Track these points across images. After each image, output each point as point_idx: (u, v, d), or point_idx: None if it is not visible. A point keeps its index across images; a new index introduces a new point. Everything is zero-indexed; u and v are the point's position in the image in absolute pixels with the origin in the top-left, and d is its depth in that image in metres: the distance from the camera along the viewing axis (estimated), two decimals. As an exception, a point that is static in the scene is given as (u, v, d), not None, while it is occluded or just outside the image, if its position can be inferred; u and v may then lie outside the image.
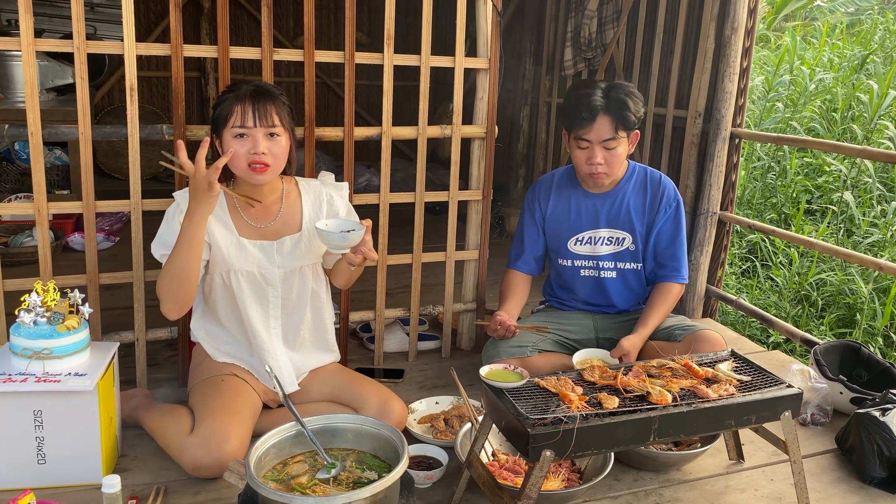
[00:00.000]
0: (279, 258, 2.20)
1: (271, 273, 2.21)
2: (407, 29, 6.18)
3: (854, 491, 2.15)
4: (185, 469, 2.00)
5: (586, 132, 2.44)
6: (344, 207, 2.32)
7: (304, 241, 2.23)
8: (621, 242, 2.61)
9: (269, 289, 2.22)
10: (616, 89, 2.45)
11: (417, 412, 2.46)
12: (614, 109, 2.41)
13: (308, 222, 2.25)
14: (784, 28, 9.19)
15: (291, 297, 2.26)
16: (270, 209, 2.22)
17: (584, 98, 2.43)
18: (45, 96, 4.55)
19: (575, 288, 2.70)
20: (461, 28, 2.65)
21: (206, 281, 2.22)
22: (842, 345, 2.81)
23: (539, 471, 1.65)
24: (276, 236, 2.21)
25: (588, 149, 2.47)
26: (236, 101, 2.06)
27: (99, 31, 5.79)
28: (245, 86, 2.10)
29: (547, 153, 5.05)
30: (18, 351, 1.91)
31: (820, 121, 6.03)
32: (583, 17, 4.34)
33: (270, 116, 2.07)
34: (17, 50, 2.18)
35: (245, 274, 2.18)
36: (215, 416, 2.03)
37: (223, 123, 2.08)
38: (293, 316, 2.28)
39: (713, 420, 1.80)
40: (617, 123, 2.42)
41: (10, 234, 4.05)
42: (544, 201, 2.69)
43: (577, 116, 2.43)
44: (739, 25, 3.30)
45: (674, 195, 2.61)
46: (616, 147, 2.46)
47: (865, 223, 4.96)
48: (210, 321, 2.28)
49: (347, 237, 2.04)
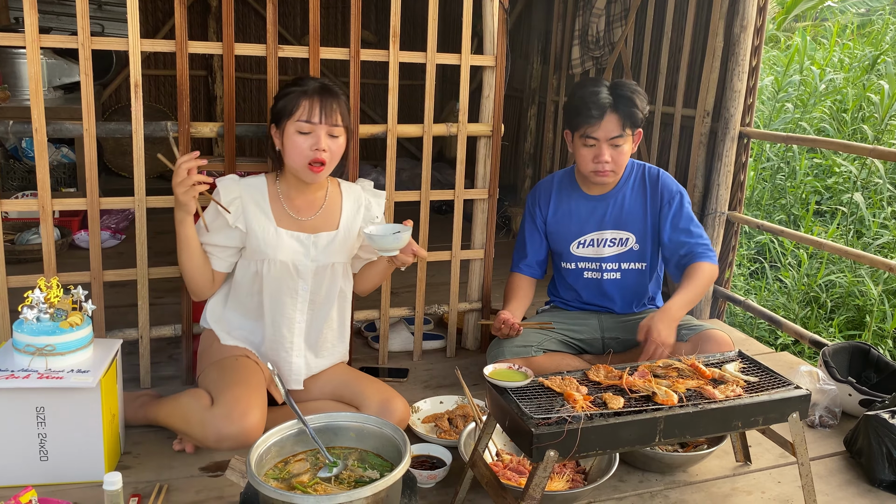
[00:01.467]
0: (314, 251, 2.24)
1: (304, 266, 2.23)
2: (414, 29, 6.18)
3: (862, 494, 2.12)
4: (208, 442, 2.03)
5: (594, 130, 2.42)
6: (380, 213, 2.37)
7: (340, 240, 2.27)
8: (625, 243, 2.59)
9: (300, 281, 2.24)
10: (622, 87, 2.44)
11: (421, 411, 2.45)
12: (622, 107, 2.40)
13: (346, 222, 2.29)
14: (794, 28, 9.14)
15: (320, 293, 2.29)
16: (313, 203, 2.27)
17: (592, 96, 2.42)
18: (52, 94, 4.56)
19: (578, 290, 2.68)
20: (467, 25, 2.64)
21: (241, 266, 2.25)
22: (851, 346, 2.78)
23: (543, 471, 1.63)
24: (314, 230, 2.25)
25: (595, 146, 2.45)
26: (303, 96, 2.11)
27: (107, 30, 5.80)
28: (312, 82, 2.15)
29: (554, 152, 5.03)
30: (21, 347, 1.91)
31: (830, 121, 5.98)
32: (591, 15, 4.32)
33: (335, 115, 2.13)
34: (22, 46, 2.17)
35: (279, 264, 2.21)
36: (234, 389, 2.07)
37: (287, 116, 2.12)
38: (319, 312, 2.30)
39: (720, 421, 1.78)
40: (624, 121, 2.41)
41: (17, 231, 4.06)
42: (545, 206, 2.68)
43: (585, 114, 2.42)
44: (749, 23, 3.27)
45: (675, 188, 2.58)
46: (622, 145, 2.44)
47: (876, 224, 4.92)
48: (229, 306, 2.31)
49: (400, 238, 2.10)
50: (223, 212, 2.14)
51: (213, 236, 2.19)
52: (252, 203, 2.19)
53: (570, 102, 2.51)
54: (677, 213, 2.55)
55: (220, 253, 2.23)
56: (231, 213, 2.15)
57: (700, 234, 2.55)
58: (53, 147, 5.05)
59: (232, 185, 2.19)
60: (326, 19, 6.63)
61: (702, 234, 2.56)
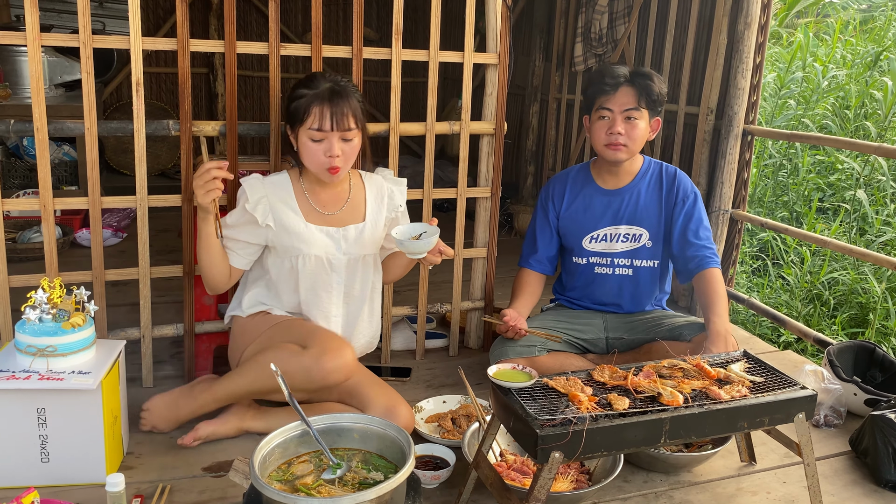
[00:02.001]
0: (345, 244, 2.27)
1: (337, 259, 2.27)
2: (416, 26, 6.16)
3: (868, 494, 2.11)
4: (314, 382, 2.06)
5: (608, 100, 2.46)
6: (403, 201, 2.41)
7: (368, 231, 2.31)
8: (638, 239, 2.57)
9: (334, 275, 2.27)
10: (639, 69, 2.51)
11: (424, 411, 2.44)
12: (638, 81, 2.45)
13: (372, 213, 2.33)
14: (796, 25, 9.11)
15: (355, 286, 2.32)
16: (339, 197, 2.30)
17: (609, 69, 2.49)
18: (54, 92, 4.55)
19: (588, 286, 2.66)
20: (470, 22, 2.62)
21: (274, 264, 2.27)
22: (856, 345, 2.76)
23: (548, 472, 1.62)
24: (341, 224, 2.28)
25: (608, 119, 2.47)
26: (315, 102, 2.11)
27: (108, 28, 5.79)
28: (322, 83, 2.14)
29: (557, 150, 5.02)
30: (23, 348, 1.90)
31: (833, 118, 5.96)
32: (593, 12, 4.30)
33: (347, 120, 2.13)
34: (23, 44, 2.16)
35: (313, 259, 2.24)
36: (318, 332, 2.17)
37: (299, 122, 2.14)
38: (354, 305, 2.34)
39: (725, 422, 1.77)
40: (640, 94, 2.44)
41: (19, 229, 4.05)
42: (559, 200, 2.66)
43: (601, 83, 2.47)
44: (753, 20, 3.25)
45: (690, 188, 2.57)
46: (637, 120, 2.46)
47: (879, 222, 4.90)
48: (270, 298, 2.32)
49: (431, 241, 2.11)
50: (251, 211, 2.17)
51: (238, 232, 2.22)
52: (279, 201, 2.21)
53: (588, 79, 2.60)
54: (689, 213, 2.54)
55: (242, 250, 2.25)
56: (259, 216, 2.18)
57: (708, 237, 2.55)
58: (55, 145, 5.04)
59: (257, 185, 2.21)
60: (328, 17, 6.61)
61: (710, 238, 2.56)
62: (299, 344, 2.12)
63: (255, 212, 2.18)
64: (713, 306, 2.38)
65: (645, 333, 2.57)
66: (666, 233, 2.57)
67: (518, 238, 4.91)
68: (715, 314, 2.35)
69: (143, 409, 2.22)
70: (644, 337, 2.56)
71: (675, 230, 2.54)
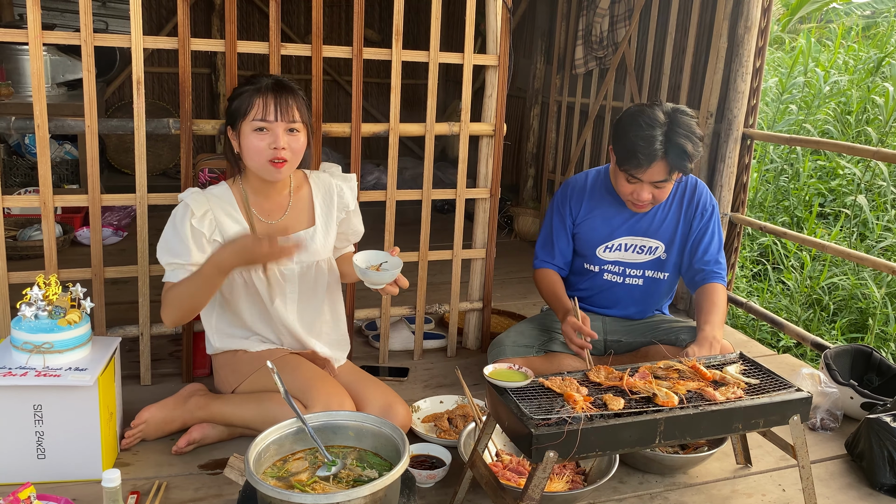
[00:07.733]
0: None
1: (290, 269, 2.19)
2: (417, 27, 6.17)
3: (863, 497, 2.11)
4: None
5: (639, 172, 2.32)
6: (353, 199, 2.32)
7: (320, 236, 2.23)
8: (653, 251, 2.54)
9: (288, 285, 2.20)
10: (677, 130, 2.27)
11: (421, 411, 2.45)
12: (673, 157, 2.27)
13: (321, 215, 2.24)
14: (799, 30, 9.12)
15: (310, 292, 2.26)
16: (280, 204, 2.21)
17: (643, 141, 2.26)
18: (56, 91, 4.56)
19: (596, 293, 2.64)
20: (471, 24, 2.63)
21: (227, 283, 2.15)
22: (853, 349, 2.77)
23: (542, 472, 1.63)
24: (287, 232, 2.19)
25: (636, 184, 2.36)
26: (257, 94, 2.04)
27: (110, 27, 5.81)
28: (265, 79, 2.08)
29: (557, 153, 5.02)
30: (19, 345, 1.90)
31: (834, 123, 5.96)
32: (594, 14, 4.31)
33: (291, 111, 2.06)
34: (25, 43, 2.17)
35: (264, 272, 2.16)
36: (316, 384, 2.09)
37: (242, 116, 2.05)
38: (312, 309, 2.28)
39: (720, 423, 1.77)
40: (672, 169, 2.31)
41: (19, 227, 4.06)
42: (576, 207, 2.59)
43: (633, 159, 2.29)
44: (753, 24, 3.26)
45: (709, 200, 2.53)
46: (665, 186, 2.36)
47: (879, 227, 4.90)
48: (232, 324, 2.24)
49: (392, 275, 2.04)
50: (197, 227, 2.05)
51: (197, 255, 2.05)
52: (223, 214, 2.11)
53: (620, 139, 2.34)
54: (705, 229, 2.50)
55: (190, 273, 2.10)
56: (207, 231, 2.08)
57: (720, 252, 2.52)
58: (56, 144, 5.06)
59: (200, 198, 2.09)
60: (329, 17, 6.62)
61: (721, 253, 2.53)
62: (298, 398, 2.04)
63: (202, 227, 2.06)
64: (708, 315, 2.35)
65: (643, 337, 2.56)
66: (682, 245, 2.55)
67: (517, 240, 4.92)
68: (708, 322, 2.32)
69: (140, 422, 2.14)
70: (642, 340, 2.56)
71: (689, 242, 2.52)
